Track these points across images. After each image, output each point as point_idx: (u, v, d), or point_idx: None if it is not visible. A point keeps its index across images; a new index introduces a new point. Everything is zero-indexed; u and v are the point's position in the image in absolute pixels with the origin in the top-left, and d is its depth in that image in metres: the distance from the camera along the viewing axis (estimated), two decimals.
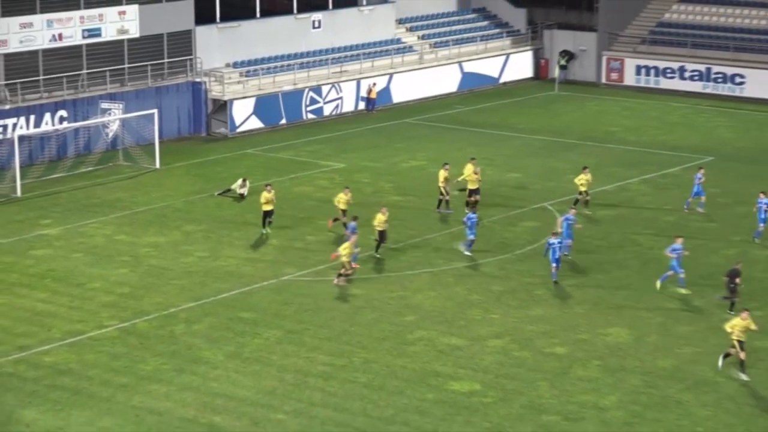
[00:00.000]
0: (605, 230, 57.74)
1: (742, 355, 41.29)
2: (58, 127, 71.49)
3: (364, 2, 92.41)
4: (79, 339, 45.31)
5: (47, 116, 71.74)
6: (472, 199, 60.77)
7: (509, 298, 49.56)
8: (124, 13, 76.06)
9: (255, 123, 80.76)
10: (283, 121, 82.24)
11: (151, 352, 44.17)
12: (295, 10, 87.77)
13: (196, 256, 55.03)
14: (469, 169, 61.91)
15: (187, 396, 40.48)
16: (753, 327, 41.71)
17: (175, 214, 61.61)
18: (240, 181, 64.01)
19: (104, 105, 73.43)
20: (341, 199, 57.80)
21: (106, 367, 42.79)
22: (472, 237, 54.38)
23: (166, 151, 72.08)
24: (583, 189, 60.54)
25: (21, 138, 67.50)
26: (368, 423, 38.47)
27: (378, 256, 54.08)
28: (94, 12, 74.67)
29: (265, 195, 56.97)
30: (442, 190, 60.94)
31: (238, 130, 79.76)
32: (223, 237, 57.65)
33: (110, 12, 75.39)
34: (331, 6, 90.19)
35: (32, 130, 70.25)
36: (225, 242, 56.88)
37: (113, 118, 72.87)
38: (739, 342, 41.58)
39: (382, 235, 54.35)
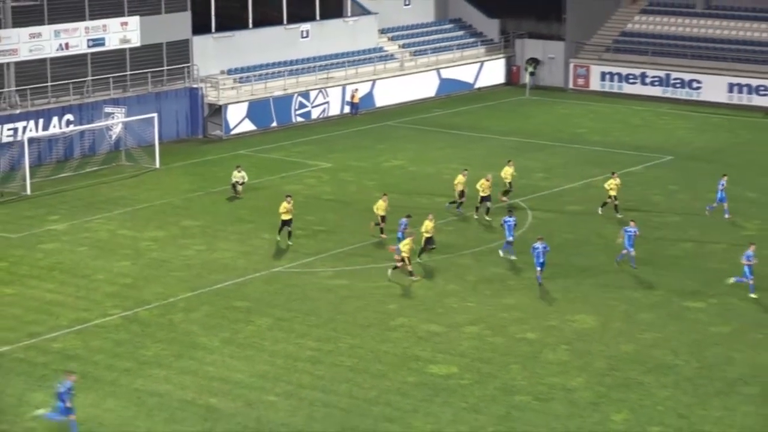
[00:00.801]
0: (573, 224, 57.78)
1: None
2: (64, 129, 71.39)
3: (349, 14, 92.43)
4: (85, 326, 45.24)
5: (55, 120, 71.64)
6: (486, 204, 58.65)
7: (484, 287, 49.56)
8: (126, 24, 75.86)
9: (248, 126, 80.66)
10: (274, 124, 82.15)
11: (151, 338, 44.12)
12: (285, 21, 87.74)
13: (194, 249, 54.95)
14: (483, 183, 59.06)
15: (186, 379, 40.43)
16: None
17: (173, 210, 61.52)
18: (235, 171, 63.80)
19: (108, 109, 73.30)
20: (380, 206, 55.52)
21: (111, 353, 42.74)
22: (510, 239, 52.88)
23: (165, 152, 71.96)
24: (612, 194, 58.82)
25: (30, 140, 67.35)
26: (353, 404, 38.46)
27: (420, 260, 52.27)
28: (99, 23, 74.48)
29: (285, 205, 54.53)
30: (457, 193, 59.47)
31: (233, 132, 79.65)
32: (219, 232, 57.57)
33: (113, 23, 75.20)
34: (318, 17, 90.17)
35: (41, 133, 70.06)
36: (220, 237, 56.80)
37: (116, 121, 72.71)
38: None
39: (430, 241, 52.26)
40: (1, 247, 55.30)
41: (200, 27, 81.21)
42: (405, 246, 50.05)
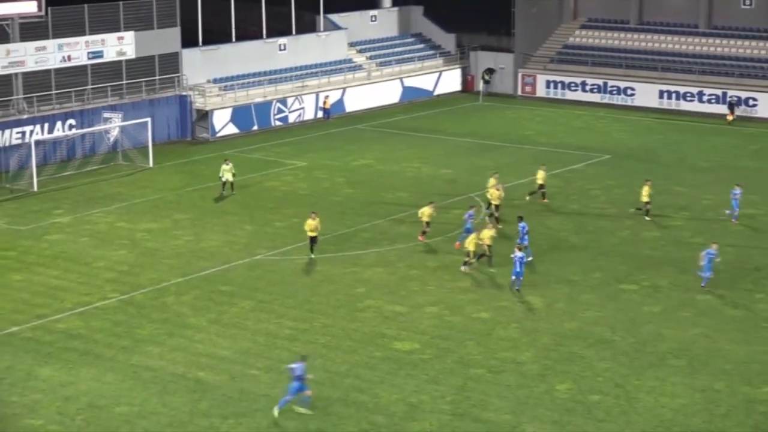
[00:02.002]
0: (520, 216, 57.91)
1: None
2: (67, 133, 71.01)
3: (321, 29, 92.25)
4: (87, 309, 45.07)
5: (59, 124, 71.27)
6: (491, 212, 56.49)
7: (443, 272, 49.57)
8: (122, 38, 75.50)
9: (232, 129, 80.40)
10: (255, 127, 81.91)
11: (146, 319, 43.98)
12: (264, 36, 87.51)
13: (184, 239, 54.78)
14: (491, 183, 57.59)
15: (177, 355, 40.33)
16: None
17: (166, 205, 61.29)
18: (224, 165, 62.54)
19: (106, 114, 72.98)
20: (425, 213, 53.56)
21: (109, 332, 42.60)
22: (525, 243, 50.89)
23: (158, 153, 71.68)
24: (645, 200, 57.36)
25: (37, 142, 67.02)
26: (327, 377, 38.42)
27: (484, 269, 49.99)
28: (98, 37, 74.13)
29: (310, 222, 51.21)
30: (489, 196, 57.70)
31: (218, 135, 79.39)
32: (206, 224, 57.39)
33: (111, 37, 74.86)
34: (294, 32, 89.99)
35: (46, 136, 69.73)
36: (208, 228, 56.62)
37: (113, 125, 72.40)
38: None
39: (489, 249, 49.33)
40: (10, 238, 55.00)
41: (189, 41, 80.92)
42: (470, 243, 48.93)
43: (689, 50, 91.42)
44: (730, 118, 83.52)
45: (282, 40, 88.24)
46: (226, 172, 62.24)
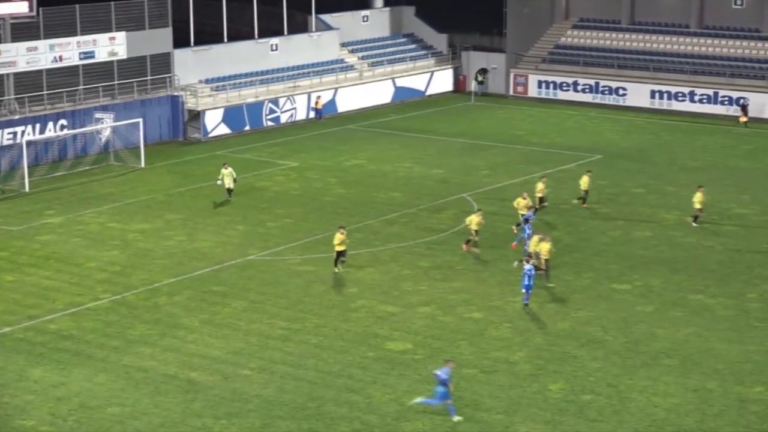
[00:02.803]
0: (513, 217, 57.76)
1: None
2: (59, 133, 70.93)
3: (313, 29, 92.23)
4: (79, 309, 44.99)
5: (50, 124, 71.16)
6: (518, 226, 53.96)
7: (435, 272, 49.55)
8: (114, 38, 75.44)
9: (224, 129, 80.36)
10: (247, 127, 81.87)
11: (138, 319, 43.91)
12: (256, 36, 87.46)
13: (176, 240, 54.70)
14: (520, 202, 54.92)
15: (169, 356, 40.27)
16: None
17: (158, 205, 61.21)
18: (222, 169, 61.59)
19: (98, 115, 72.94)
20: (473, 221, 52.28)
21: (101, 333, 42.53)
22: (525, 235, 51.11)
23: (149, 153, 71.62)
24: (698, 207, 56.35)
25: (28, 143, 66.99)
26: (319, 377, 38.40)
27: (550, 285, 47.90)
28: (89, 38, 74.07)
29: (338, 236, 49.22)
30: (537, 199, 57.19)
31: (210, 135, 79.33)
32: (198, 224, 57.33)
33: (102, 38, 74.81)
34: (286, 33, 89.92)
35: (38, 136, 69.64)
36: (200, 228, 56.56)
37: (105, 125, 72.36)
38: None
39: (546, 263, 47.66)
40: (2, 239, 54.89)
41: (180, 41, 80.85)
42: (544, 248, 47.53)
43: (681, 50, 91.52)
44: (743, 119, 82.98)
45: (274, 41, 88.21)
46: (226, 177, 61.08)
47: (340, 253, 49.31)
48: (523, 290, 44.94)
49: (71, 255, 52.28)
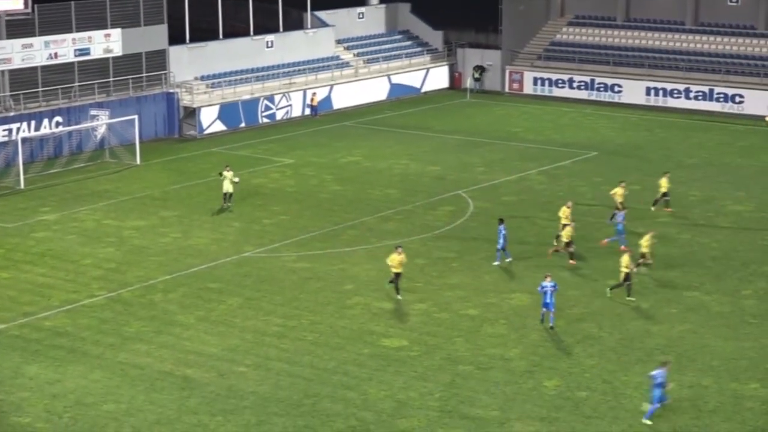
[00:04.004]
0: (508, 213, 57.84)
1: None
2: (54, 130, 70.91)
3: (309, 26, 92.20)
4: (74, 306, 44.99)
5: (45, 121, 71.14)
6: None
7: (430, 269, 49.58)
8: (109, 35, 75.41)
9: (219, 126, 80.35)
10: (243, 124, 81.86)
11: (134, 316, 43.92)
12: (251, 33, 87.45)
13: (171, 237, 54.70)
14: (565, 212, 52.46)
15: (165, 353, 40.28)
16: None
17: (153, 202, 61.20)
18: (225, 171, 59.87)
19: (93, 112, 72.91)
20: (565, 212, 51.63)
21: (97, 330, 42.53)
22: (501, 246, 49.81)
23: (145, 150, 71.60)
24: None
25: (23, 140, 66.98)
26: (315, 373, 38.43)
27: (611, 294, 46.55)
28: (84, 35, 74.06)
29: (395, 257, 45.84)
30: (618, 205, 55.49)
31: (205, 132, 79.33)
32: (194, 221, 57.33)
33: (97, 35, 74.79)
34: (281, 29, 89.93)
35: (33, 133, 69.57)
36: (195, 225, 56.56)
37: (100, 122, 72.34)
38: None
39: (628, 277, 45.57)
40: None
41: (176, 38, 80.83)
42: (645, 242, 47.30)
43: (676, 47, 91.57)
44: None
45: (269, 37, 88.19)
46: (226, 180, 58.98)
47: (397, 275, 45.90)
48: (543, 309, 42.80)
49: (66, 252, 52.27)
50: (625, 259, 45.69)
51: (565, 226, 51.34)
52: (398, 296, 45.71)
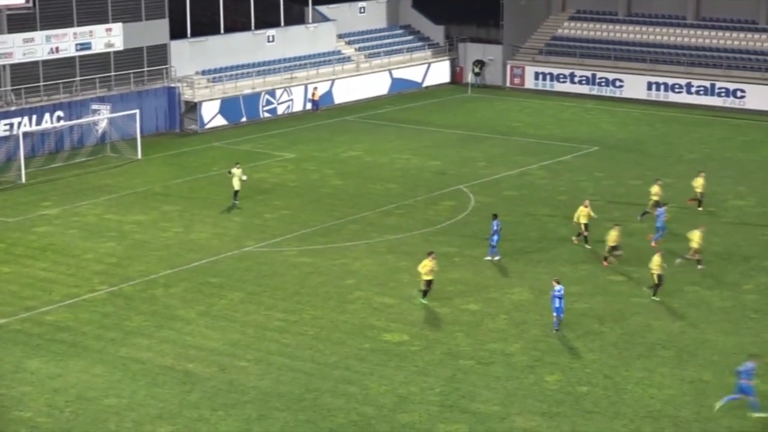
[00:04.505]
0: (510, 208, 57.91)
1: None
2: (55, 124, 70.90)
3: (310, 20, 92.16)
4: (75, 301, 45.01)
5: (47, 116, 71.12)
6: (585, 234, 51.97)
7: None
8: (110, 29, 75.35)
9: (220, 121, 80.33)
10: (244, 119, 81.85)
11: (135, 311, 43.93)
12: (253, 27, 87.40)
13: (173, 231, 54.72)
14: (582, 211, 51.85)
15: (166, 347, 40.30)
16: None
17: (154, 196, 61.22)
18: (234, 168, 59.41)
19: (94, 106, 72.88)
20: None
21: (98, 324, 42.55)
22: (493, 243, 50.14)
23: (146, 145, 71.60)
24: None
25: (25, 134, 66.94)
26: (316, 368, 38.45)
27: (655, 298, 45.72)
28: (86, 29, 74.00)
29: (427, 263, 44.51)
30: (652, 203, 55.48)
31: (207, 126, 79.31)
32: (195, 216, 57.34)
33: (99, 29, 74.72)
34: (282, 24, 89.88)
35: (34, 128, 69.59)
36: (196, 220, 56.57)
37: (102, 117, 72.32)
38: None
39: (660, 279, 45.29)
40: None
41: (177, 32, 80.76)
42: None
43: (677, 42, 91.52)
44: None
45: (271, 32, 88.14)
46: (234, 177, 58.63)
47: (428, 283, 44.66)
48: (554, 314, 42.03)
49: (68, 246, 52.29)
50: (655, 259, 45.10)
51: (587, 225, 51.26)
52: (423, 300, 44.62)
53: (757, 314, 43.54)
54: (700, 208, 57.48)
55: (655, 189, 55.67)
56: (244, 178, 59.21)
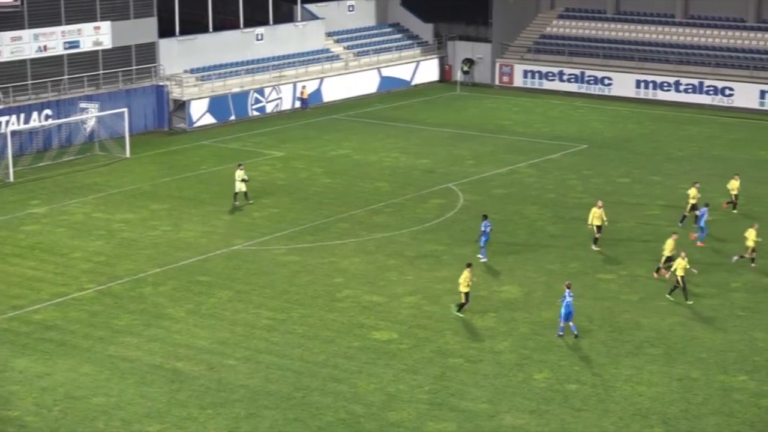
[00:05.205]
0: (499, 206, 57.92)
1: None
2: (44, 123, 70.72)
3: (299, 19, 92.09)
4: (64, 300, 44.92)
5: (35, 114, 70.94)
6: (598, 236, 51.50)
7: (421, 262, 49.59)
8: (98, 28, 75.26)
9: (209, 119, 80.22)
10: (233, 117, 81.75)
11: (123, 309, 43.86)
12: (241, 26, 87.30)
13: (161, 230, 54.64)
14: (595, 212, 51.27)
15: (154, 346, 40.25)
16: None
17: (143, 195, 61.13)
18: (238, 171, 58.90)
19: (82, 105, 72.74)
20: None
21: (86, 323, 42.47)
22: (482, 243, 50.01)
23: (134, 143, 71.47)
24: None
25: (13, 133, 66.78)
26: (305, 366, 38.43)
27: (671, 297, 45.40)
28: (74, 27, 73.88)
29: (466, 274, 43.21)
30: (689, 206, 54.59)
31: (195, 125, 79.19)
32: (184, 214, 57.27)
33: (87, 27, 74.63)
34: (271, 22, 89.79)
35: (22, 126, 69.40)
36: (185, 218, 56.51)
37: (90, 115, 72.22)
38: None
39: (683, 280, 44.55)
40: None
41: (165, 31, 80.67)
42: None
43: (666, 40, 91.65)
44: None
45: (259, 30, 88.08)
46: (238, 179, 58.36)
47: (466, 296, 43.34)
48: (561, 321, 41.27)
49: (56, 245, 52.19)
50: (679, 262, 44.45)
51: (599, 228, 50.81)
52: (459, 313, 43.20)
53: (745, 312, 43.62)
54: (735, 211, 57.08)
55: (692, 192, 54.83)
56: (245, 178, 58.61)
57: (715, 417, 34.82)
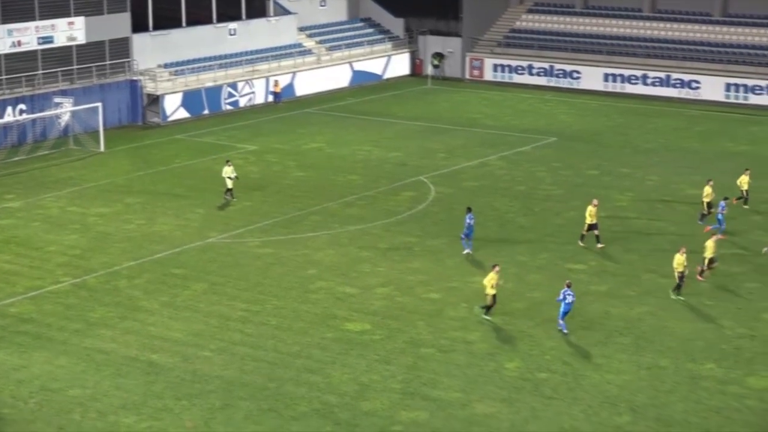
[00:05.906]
0: (470, 198, 57.98)
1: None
2: (18, 118, 70.46)
3: (271, 14, 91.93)
4: (39, 293, 44.76)
5: (9, 109, 70.65)
6: (596, 233, 50.48)
7: (393, 254, 49.64)
8: (72, 23, 74.97)
9: (183, 113, 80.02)
10: (206, 111, 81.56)
11: (98, 302, 43.75)
12: (214, 21, 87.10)
13: (136, 223, 54.50)
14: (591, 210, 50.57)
15: (130, 338, 40.17)
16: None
17: (117, 189, 60.94)
18: (226, 167, 58.60)
19: (57, 99, 72.48)
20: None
21: (62, 316, 42.34)
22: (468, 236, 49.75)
23: (109, 138, 71.24)
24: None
25: None
26: (279, 357, 38.44)
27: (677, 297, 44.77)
28: (48, 23, 73.57)
29: (493, 276, 41.98)
30: (705, 204, 53.85)
31: (169, 119, 79.00)
32: (158, 208, 57.12)
33: (61, 23, 74.32)
34: (244, 17, 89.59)
35: None
36: (159, 212, 56.36)
37: (64, 110, 71.94)
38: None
39: (682, 276, 44.31)
40: None
41: (139, 26, 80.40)
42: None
43: (634, 34, 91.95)
44: None
45: (232, 25, 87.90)
46: (225, 175, 58.01)
47: (493, 297, 42.06)
48: (560, 320, 40.91)
49: (31, 239, 51.98)
50: (678, 258, 44.06)
51: (593, 225, 50.05)
52: (487, 317, 42.07)
53: (712, 301, 43.85)
54: (746, 206, 56.65)
55: (707, 190, 54.22)
56: (234, 175, 58.21)
57: (682, 404, 35.02)
